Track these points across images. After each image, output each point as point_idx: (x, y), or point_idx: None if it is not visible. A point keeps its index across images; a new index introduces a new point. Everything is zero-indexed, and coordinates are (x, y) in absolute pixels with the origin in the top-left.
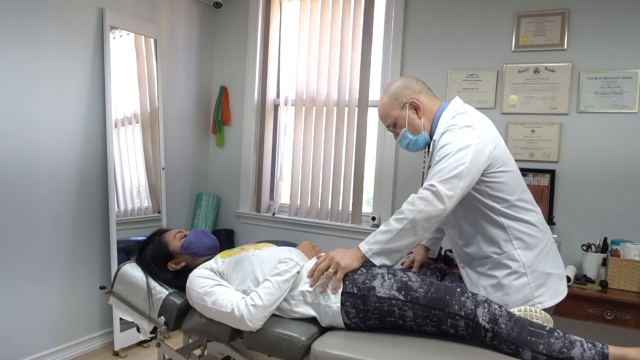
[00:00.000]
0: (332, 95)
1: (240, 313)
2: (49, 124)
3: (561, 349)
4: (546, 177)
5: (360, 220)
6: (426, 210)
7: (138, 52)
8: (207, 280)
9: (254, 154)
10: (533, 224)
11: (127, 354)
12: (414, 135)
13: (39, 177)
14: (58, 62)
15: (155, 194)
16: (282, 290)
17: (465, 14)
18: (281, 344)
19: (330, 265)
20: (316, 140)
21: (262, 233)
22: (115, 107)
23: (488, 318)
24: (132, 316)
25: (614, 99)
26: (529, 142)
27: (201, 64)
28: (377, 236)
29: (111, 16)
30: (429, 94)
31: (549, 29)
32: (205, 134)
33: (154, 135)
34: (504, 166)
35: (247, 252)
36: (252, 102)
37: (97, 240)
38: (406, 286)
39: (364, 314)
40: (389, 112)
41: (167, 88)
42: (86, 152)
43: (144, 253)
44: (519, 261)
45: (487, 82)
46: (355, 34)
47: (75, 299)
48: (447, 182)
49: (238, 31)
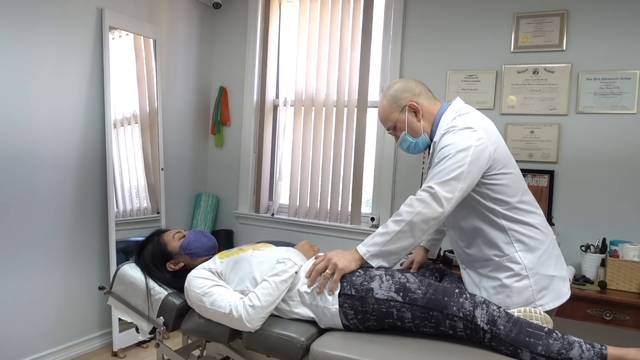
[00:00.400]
0: (331, 95)
1: (238, 314)
2: (48, 124)
3: (560, 350)
4: (545, 177)
5: (359, 221)
6: (424, 213)
7: (137, 52)
8: (206, 281)
9: (253, 155)
10: (534, 226)
11: (126, 355)
12: (414, 138)
13: (38, 177)
14: (57, 63)
15: (154, 195)
16: (280, 290)
17: (464, 14)
18: (280, 345)
19: (328, 267)
20: (315, 140)
21: (261, 233)
22: (114, 107)
23: (486, 319)
24: (131, 316)
25: (613, 99)
26: (528, 143)
27: (200, 65)
28: (375, 238)
29: (110, 16)
30: (429, 95)
31: (548, 30)
32: (204, 135)
33: (153, 135)
34: (504, 168)
35: (246, 253)
36: (251, 102)
37: (96, 240)
38: (404, 288)
39: (363, 316)
40: (388, 115)
41: (166, 88)
42: (85, 153)
43: (142, 253)
44: (521, 264)
45: (486, 82)
46: (354, 35)
47: (74, 300)
48: (446, 184)
49: (237, 32)
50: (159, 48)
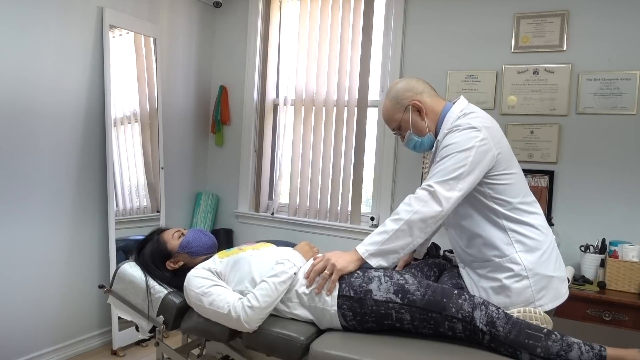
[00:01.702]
0: (331, 95)
1: (236, 314)
2: (48, 122)
3: (559, 352)
4: (545, 178)
5: (359, 221)
6: (422, 211)
7: (137, 51)
8: (205, 281)
9: (253, 154)
10: (535, 227)
11: (126, 353)
12: (419, 137)
13: (39, 175)
14: (57, 61)
15: (154, 193)
16: (279, 291)
17: (465, 14)
18: (280, 344)
19: (326, 267)
20: (315, 140)
21: (261, 233)
22: (114, 106)
23: (485, 321)
24: (131, 315)
25: (613, 100)
26: (528, 143)
27: (201, 64)
28: (374, 237)
29: (111, 15)
30: (432, 93)
31: (549, 30)
32: (204, 134)
33: (153, 134)
34: (507, 169)
35: (245, 252)
36: (251, 101)
37: (96, 239)
38: (403, 289)
39: (361, 317)
40: (392, 115)
41: (166, 87)
42: (85, 151)
43: (142, 252)
44: (521, 264)
45: (487, 83)
46: (354, 34)
47: (74, 298)
48: (446, 183)
49: (238, 31)
50: (159, 47)
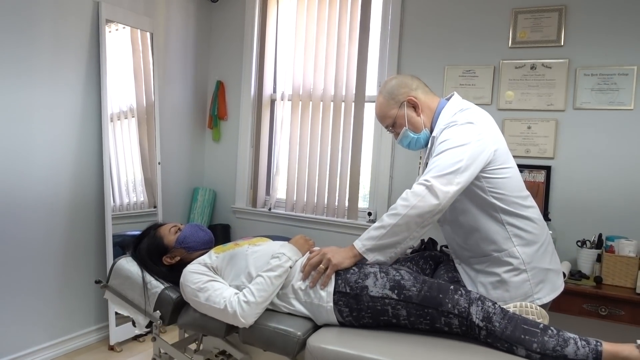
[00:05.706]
0: (328, 90)
1: (232, 309)
2: (43, 118)
3: (555, 347)
4: (542, 173)
5: (356, 216)
6: (419, 206)
7: (134, 46)
8: (201, 276)
9: (250, 149)
10: (532, 220)
11: (123, 349)
12: (415, 133)
13: (34, 171)
14: (53, 56)
15: (151, 189)
16: (275, 286)
17: (462, 9)
18: (277, 339)
19: (322, 261)
20: (313, 135)
21: (258, 228)
22: (110, 101)
23: (482, 316)
24: (128, 310)
25: (610, 95)
26: (525, 139)
27: (197, 59)
28: (371, 232)
29: (107, 9)
30: (426, 90)
31: (546, 25)
32: (201, 129)
33: (149, 129)
34: (504, 163)
35: (241, 248)
36: (248, 96)
37: (93, 234)
38: (399, 285)
39: (357, 313)
40: (387, 112)
41: (163, 82)
42: (81, 147)
43: (139, 247)
44: (519, 258)
45: (484, 78)
46: (352, 29)
47: (70, 293)
48: (443, 177)
49: (235, 25)
50: (155, 41)
